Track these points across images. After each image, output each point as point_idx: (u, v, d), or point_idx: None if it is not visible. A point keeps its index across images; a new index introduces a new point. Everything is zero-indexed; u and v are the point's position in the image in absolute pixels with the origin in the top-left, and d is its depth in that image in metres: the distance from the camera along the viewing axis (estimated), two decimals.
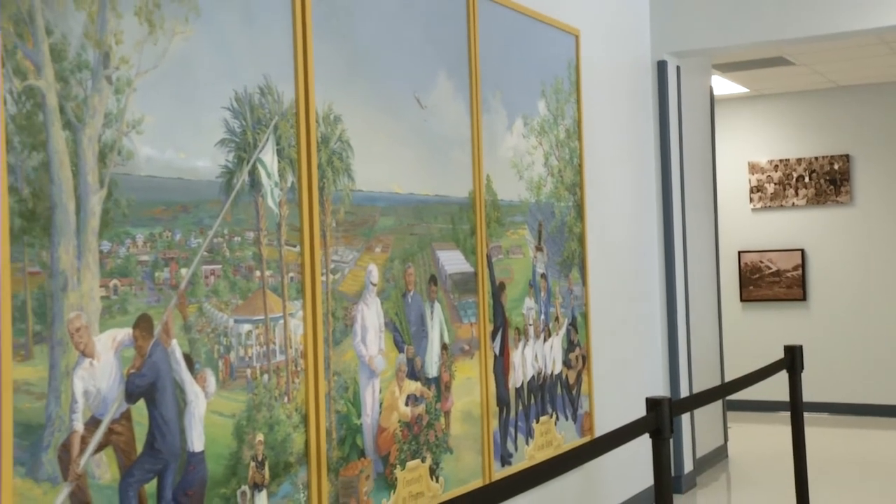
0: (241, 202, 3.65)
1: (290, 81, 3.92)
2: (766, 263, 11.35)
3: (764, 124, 11.44)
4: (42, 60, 2.93)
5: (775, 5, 7.21)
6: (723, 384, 4.31)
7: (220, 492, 3.48)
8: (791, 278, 11.21)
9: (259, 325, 3.71)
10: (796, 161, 11.23)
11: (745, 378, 4.54)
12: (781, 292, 11.26)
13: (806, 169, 11.19)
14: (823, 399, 10.87)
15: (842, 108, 11.04)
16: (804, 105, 11.24)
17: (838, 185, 11.02)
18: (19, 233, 2.85)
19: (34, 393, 2.87)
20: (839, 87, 11.00)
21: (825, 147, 11.15)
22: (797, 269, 11.18)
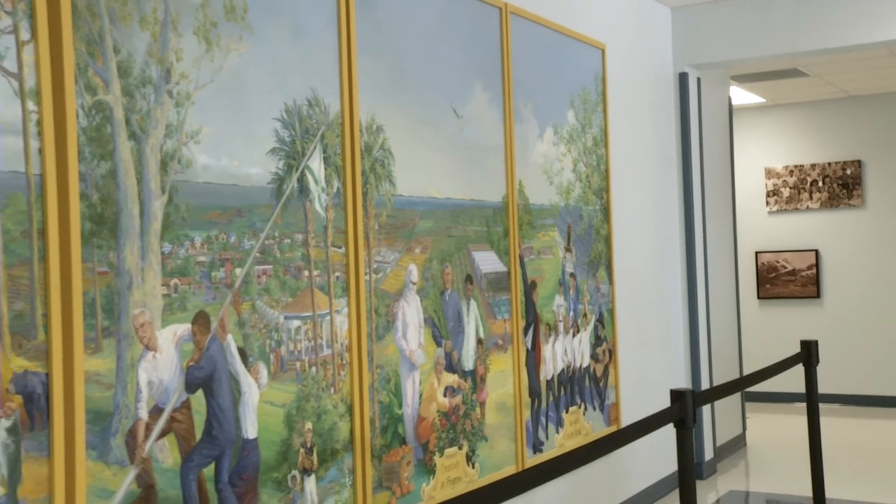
0: (290, 207, 3.67)
1: (336, 94, 3.93)
2: (781, 263, 11.27)
3: (779, 132, 11.37)
4: (110, 77, 2.97)
5: (790, 20, 7.17)
6: (743, 377, 4.29)
7: (272, 476, 3.51)
8: (805, 277, 11.13)
9: (307, 321, 3.73)
10: (810, 166, 11.14)
11: (763, 371, 4.52)
12: (796, 290, 11.17)
13: (819, 174, 11.11)
14: (836, 391, 10.79)
15: (853, 116, 10.95)
16: (818, 114, 11.15)
17: (850, 189, 10.93)
18: (89, 235, 2.88)
19: (103, 383, 2.90)
20: (851, 97, 10.92)
21: (838, 153, 11.07)
22: (811, 268, 11.10)
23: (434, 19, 4.60)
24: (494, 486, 2.59)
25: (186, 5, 3.26)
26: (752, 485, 7.40)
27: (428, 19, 4.56)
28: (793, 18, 7.16)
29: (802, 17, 7.13)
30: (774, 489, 7.20)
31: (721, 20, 7.43)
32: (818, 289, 11.06)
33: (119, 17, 3.01)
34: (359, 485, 3.93)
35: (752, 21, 7.31)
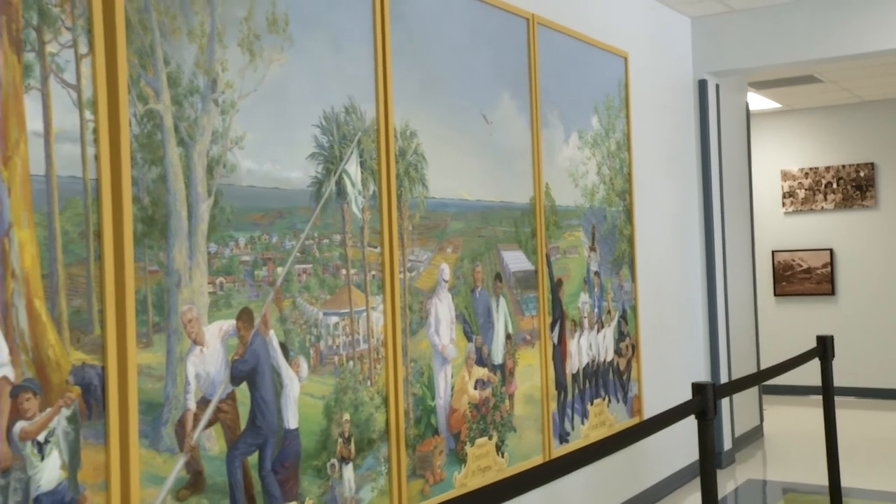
0: (329, 208, 3.69)
1: (372, 101, 3.95)
2: (797, 262, 11.21)
3: (795, 136, 11.30)
4: (161, 87, 3.00)
5: (806, 29, 7.14)
6: (762, 370, 4.27)
7: (312, 464, 3.53)
8: (820, 275, 11.06)
9: (345, 317, 3.75)
10: (825, 169, 11.07)
11: (781, 365, 4.51)
12: (812, 287, 11.10)
13: (834, 176, 11.03)
14: (851, 384, 10.72)
15: (867, 120, 10.87)
16: (832, 118, 11.08)
17: (864, 191, 10.85)
18: (141, 236, 2.91)
19: (154, 375, 2.93)
20: (864, 102, 10.84)
21: (851, 156, 10.99)
22: (826, 266, 11.03)
23: (464, 30, 4.61)
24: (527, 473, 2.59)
25: (231, 19, 3.28)
26: (770, 474, 7.37)
27: (458, 30, 4.57)
28: (808, 27, 7.13)
29: (817, 27, 7.09)
30: (791, 478, 7.16)
31: (739, 29, 7.40)
32: (832, 286, 10.99)
33: (169, 31, 3.04)
34: (394, 473, 3.94)
35: (769, 30, 7.28)
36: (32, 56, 2.63)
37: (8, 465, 2.52)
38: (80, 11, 2.76)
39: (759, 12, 7.33)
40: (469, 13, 4.65)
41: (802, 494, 6.74)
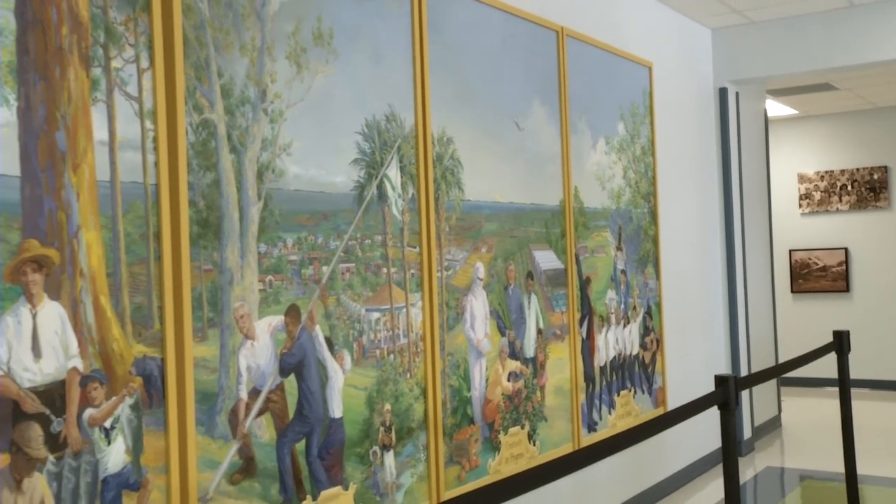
0: (370, 211, 3.70)
1: (411, 110, 3.96)
2: (813, 260, 11.11)
3: (811, 141, 11.21)
4: (214, 98, 3.02)
5: (821, 39, 7.08)
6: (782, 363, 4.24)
7: (355, 451, 3.54)
8: (836, 273, 10.96)
9: (386, 313, 3.76)
10: (840, 172, 10.97)
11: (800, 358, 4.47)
12: (827, 285, 11.01)
13: (849, 179, 10.93)
14: (865, 377, 10.62)
15: (880, 126, 10.77)
16: (847, 124, 10.98)
17: (878, 193, 10.75)
18: (196, 237, 2.94)
19: (209, 367, 2.95)
20: (878, 108, 10.73)
21: (866, 159, 10.89)
22: (841, 264, 10.93)
23: (497, 42, 4.62)
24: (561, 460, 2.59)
25: (280, 33, 3.31)
26: (787, 462, 7.32)
27: (492, 42, 4.57)
28: (824, 38, 7.08)
29: (832, 37, 7.04)
30: (808, 466, 7.11)
31: (757, 40, 7.35)
32: (847, 283, 10.89)
33: (223, 46, 3.06)
34: (432, 460, 3.95)
35: (786, 40, 7.23)
36: (99, 71, 2.66)
37: (79, 448, 2.56)
38: (143, 29, 2.79)
39: (776, 23, 7.28)
40: (502, 26, 4.65)
41: (819, 481, 6.69)
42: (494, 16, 4.59)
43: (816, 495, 6.43)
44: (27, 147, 2.46)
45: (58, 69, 2.54)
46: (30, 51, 2.48)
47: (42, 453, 2.46)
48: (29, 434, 2.43)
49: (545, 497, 4.85)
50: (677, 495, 6.31)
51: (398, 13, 3.91)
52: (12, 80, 2.43)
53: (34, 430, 2.44)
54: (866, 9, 6.92)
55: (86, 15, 2.63)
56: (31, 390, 2.45)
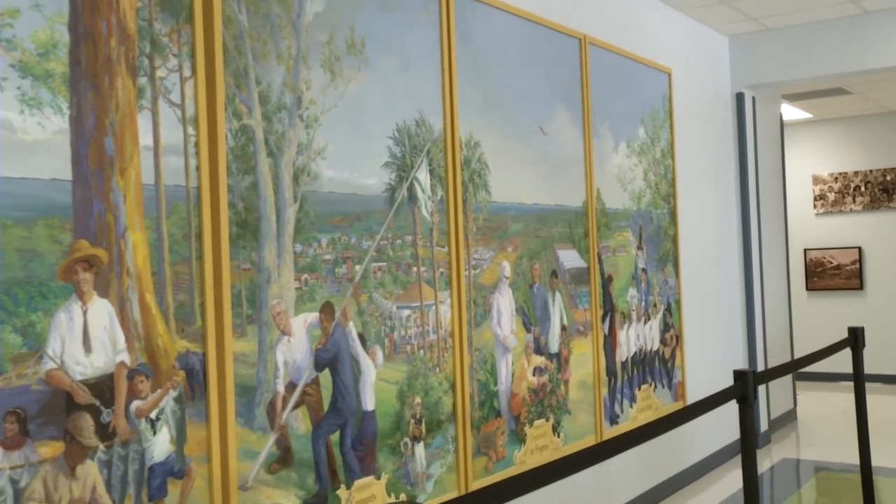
0: (401, 212, 3.71)
1: (439, 115, 3.97)
2: (828, 259, 11.03)
3: (825, 143, 11.13)
4: (253, 104, 3.04)
5: (835, 45, 7.04)
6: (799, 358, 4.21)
7: (387, 442, 3.55)
8: (849, 271, 10.88)
9: (416, 310, 3.77)
10: (853, 173, 10.89)
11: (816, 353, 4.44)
12: (841, 283, 10.93)
13: (862, 180, 10.84)
14: (878, 371, 10.54)
15: (892, 128, 10.67)
16: (860, 127, 10.90)
17: (890, 193, 10.65)
18: (235, 238, 2.96)
19: (248, 362, 2.97)
20: (890, 112, 10.64)
21: (878, 161, 10.80)
22: (855, 263, 10.84)
23: (523, 50, 4.62)
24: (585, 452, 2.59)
25: (314, 43, 3.32)
26: (803, 454, 7.28)
27: (517, 50, 4.57)
28: (837, 44, 7.03)
29: (846, 43, 6.99)
30: (823, 458, 7.06)
31: (773, 46, 7.31)
32: (861, 281, 10.81)
33: (260, 55, 3.09)
34: (460, 451, 3.96)
35: (801, 47, 7.19)
36: (144, 80, 2.69)
37: (127, 438, 2.59)
38: (185, 40, 2.82)
39: (791, 30, 7.23)
40: (527, 34, 4.65)
41: (834, 472, 6.65)
42: (520, 25, 4.59)
43: (832, 486, 6.38)
44: (78, 152, 2.49)
45: (107, 79, 2.57)
46: (81, 62, 2.51)
47: (93, 442, 2.49)
48: (81, 424, 2.46)
49: (569, 487, 4.85)
50: (696, 486, 6.28)
51: (427, 23, 3.92)
52: (65, 89, 2.47)
53: (86, 420, 2.47)
54: (879, 16, 6.87)
55: (133, 27, 2.66)
56: (83, 383, 2.48)
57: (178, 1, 2.81)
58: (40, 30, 2.42)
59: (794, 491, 6.29)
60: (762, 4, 6.60)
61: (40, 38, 2.42)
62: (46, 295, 2.41)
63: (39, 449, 2.37)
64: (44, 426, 2.38)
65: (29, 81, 2.39)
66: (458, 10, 4.12)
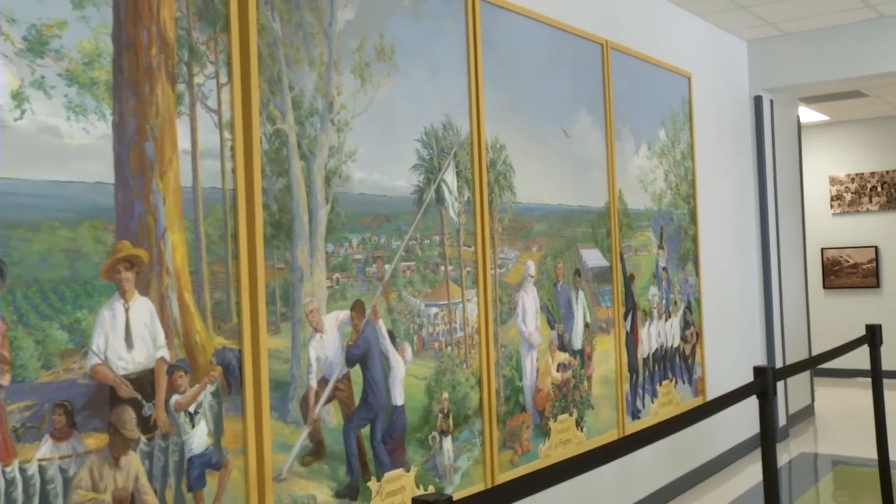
0: (429, 213, 3.72)
1: (466, 119, 3.97)
2: (844, 258, 10.94)
3: (842, 145, 11.04)
4: (286, 109, 3.06)
5: (852, 49, 6.98)
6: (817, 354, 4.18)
7: (416, 436, 3.56)
8: (866, 270, 10.78)
9: (444, 308, 3.77)
10: (870, 174, 10.79)
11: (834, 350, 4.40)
12: (858, 281, 10.84)
13: (878, 180, 10.75)
14: (895, 368, 10.46)
15: None
16: (876, 128, 10.80)
17: None
18: (270, 238, 2.97)
19: (282, 358, 2.99)
20: None
21: (894, 162, 10.71)
22: (871, 262, 10.75)
23: (546, 55, 4.61)
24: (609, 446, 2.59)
25: (345, 49, 3.34)
26: (821, 448, 7.22)
27: (541, 55, 4.57)
28: (854, 48, 6.98)
29: (863, 46, 6.94)
30: (841, 452, 7.01)
31: (790, 50, 7.27)
32: (877, 279, 10.71)
33: (293, 61, 3.10)
34: (487, 444, 3.96)
35: (818, 51, 7.14)
36: (183, 87, 2.71)
37: (167, 430, 2.61)
38: (222, 48, 2.84)
39: (809, 35, 7.19)
40: (550, 40, 4.65)
41: (851, 466, 6.59)
42: (543, 31, 4.59)
43: (849, 480, 6.33)
44: (120, 156, 2.52)
45: (147, 86, 2.60)
46: (124, 70, 2.54)
47: (135, 434, 2.52)
48: (124, 417, 2.49)
49: (592, 480, 4.84)
50: (715, 479, 6.25)
51: (454, 29, 3.93)
52: (108, 96, 2.49)
53: (128, 414, 2.50)
54: (895, 20, 6.82)
55: (172, 36, 2.68)
56: (125, 377, 2.51)
57: (215, 10, 2.83)
58: (86, 40, 2.45)
59: (812, 484, 6.25)
60: (780, 10, 6.56)
61: (86, 48, 2.45)
62: (91, 293, 2.44)
63: (86, 440, 2.40)
64: (89, 418, 2.41)
65: (75, 89, 2.42)
66: (483, 17, 4.12)
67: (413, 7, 3.69)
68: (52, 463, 2.32)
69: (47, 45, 2.37)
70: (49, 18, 2.38)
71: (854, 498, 5.82)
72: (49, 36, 2.37)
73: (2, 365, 2.23)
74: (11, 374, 2.25)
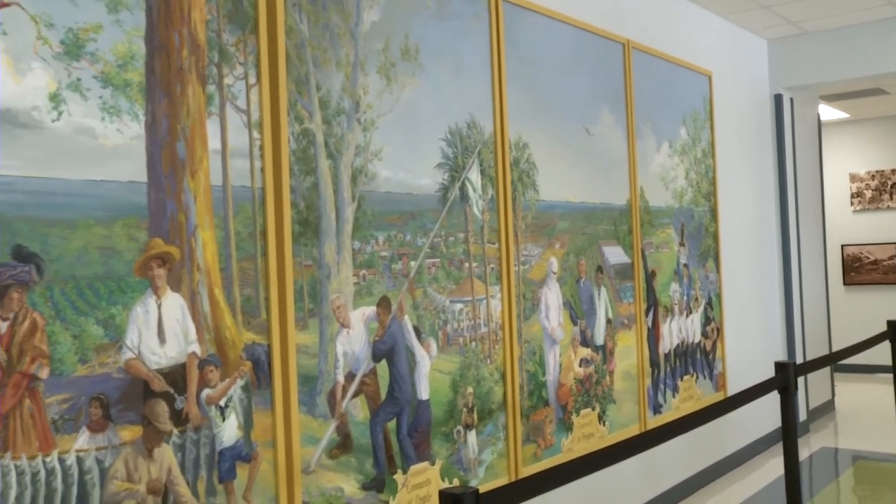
0: (453, 210, 3.72)
1: (490, 118, 3.97)
2: (865, 254, 10.85)
3: (862, 142, 10.94)
4: (313, 109, 3.07)
5: (871, 47, 6.92)
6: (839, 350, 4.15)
7: (441, 430, 3.57)
8: (886, 266, 10.69)
9: (468, 304, 3.77)
10: (890, 171, 10.69)
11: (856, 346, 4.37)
12: (878, 277, 10.74)
13: None
14: None
15: None
16: None
17: None
18: (297, 236, 2.99)
19: (309, 353, 3.00)
20: None
21: None
22: (892, 258, 10.65)
23: (569, 55, 4.60)
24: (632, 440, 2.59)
25: (371, 50, 3.35)
26: (841, 443, 7.17)
27: (564, 55, 4.56)
28: (874, 45, 6.91)
29: (883, 44, 6.87)
30: (861, 447, 6.96)
31: (810, 49, 7.21)
32: None
33: (321, 62, 3.11)
34: (510, 438, 3.96)
35: (838, 49, 7.08)
36: (213, 88, 2.73)
37: (198, 423, 2.63)
38: (251, 49, 2.86)
39: (829, 33, 7.13)
40: (573, 40, 4.64)
41: (871, 461, 6.54)
42: (566, 31, 4.58)
43: (869, 474, 6.29)
44: (153, 156, 2.54)
45: (179, 87, 2.62)
46: (156, 72, 2.56)
47: (168, 427, 2.54)
48: (157, 410, 2.51)
49: (615, 473, 4.83)
50: (736, 473, 6.22)
51: (478, 30, 3.93)
52: (141, 97, 2.51)
53: (161, 407, 2.52)
54: None
55: (203, 38, 2.70)
56: (158, 371, 2.53)
57: (244, 13, 2.85)
58: (120, 43, 2.47)
59: (832, 479, 6.20)
60: (800, 8, 6.51)
61: (120, 51, 2.47)
62: (124, 289, 2.46)
63: (121, 432, 2.43)
64: (124, 411, 2.43)
65: (109, 91, 2.44)
66: (507, 17, 4.12)
67: (437, 8, 3.69)
68: (88, 454, 2.34)
69: (83, 49, 2.39)
70: (85, 22, 2.40)
71: (874, 492, 5.77)
72: (85, 39, 2.40)
73: (41, 359, 2.26)
74: (50, 367, 2.28)
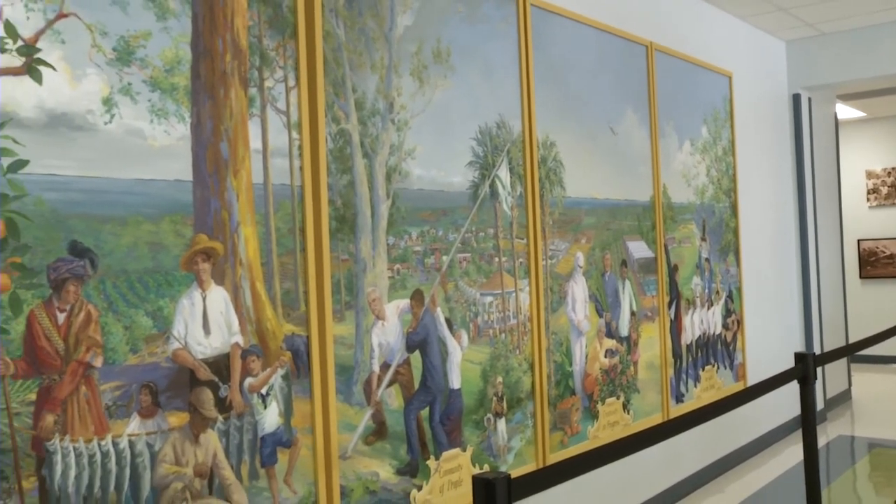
0: (484, 207, 3.71)
1: (518, 117, 3.96)
2: (881, 249, 10.71)
3: (878, 140, 10.80)
4: (349, 110, 3.08)
5: (888, 47, 6.82)
6: (857, 341, 4.10)
7: (472, 418, 3.57)
8: None
9: (498, 297, 3.77)
10: None
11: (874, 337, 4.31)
12: (893, 271, 10.61)
13: None
14: None
15: None
16: None
17: None
18: (335, 231, 2.99)
19: (346, 344, 3.01)
20: None
21: None
22: None
23: (594, 57, 4.58)
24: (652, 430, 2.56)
25: (405, 53, 3.34)
26: (857, 431, 7.09)
27: (589, 57, 4.54)
28: (891, 45, 6.82)
29: None
30: (877, 435, 6.88)
31: (828, 50, 7.12)
32: None
33: (356, 65, 3.12)
34: (538, 426, 3.96)
35: (855, 49, 6.99)
36: (254, 90, 2.74)
37: (241, 411, 2.65)
38: (290, 53, 2.86)
39: (846, 34, 7.04)
40: (598, 42, 4.61)
41: (888, 449, 6.47)
42: (591, 33, 4.55)
43: (886, 461, 6.21)
44: (197, 156, 2.55)
45: (222, 90, 2.63)
46: (201, 76, 2.57)
47: (213, 413, 2.56)
48: (203, 397, 2.53)
49: (639, 459, 4.80)
50: (756, 460, 6.18)
51: (507, 33, 3.91)
52: (187, 100, 2.53)
53: (206, 395, 2.54)
54: None
55: (245, 43, 2.71)
56: (203, 361, 2.54)
57: (283, 18, 2.85)
58: (167, 49, 2.49)
59: (849, 466, 6.14)
60: (818, 11, 6.43)
61: (167, 56, 2.48)
62: (171, 283, 2.48)
63: (169, 418, 2.44)
64: (171, 399, 2.45)
65: (157, 94, 2.46)
66: (534, 21, 4.10)
67: (468, 12, 3.68)
68: (140, 438, 2.37)
69: (133, 55, 2.41)
70: (135, 30, 2.42)
71: (890, 479, 5.71)
72: (135, 46, 2.41)
73: (95, 348, 2.28)
74: (104, 356, 2.30)
